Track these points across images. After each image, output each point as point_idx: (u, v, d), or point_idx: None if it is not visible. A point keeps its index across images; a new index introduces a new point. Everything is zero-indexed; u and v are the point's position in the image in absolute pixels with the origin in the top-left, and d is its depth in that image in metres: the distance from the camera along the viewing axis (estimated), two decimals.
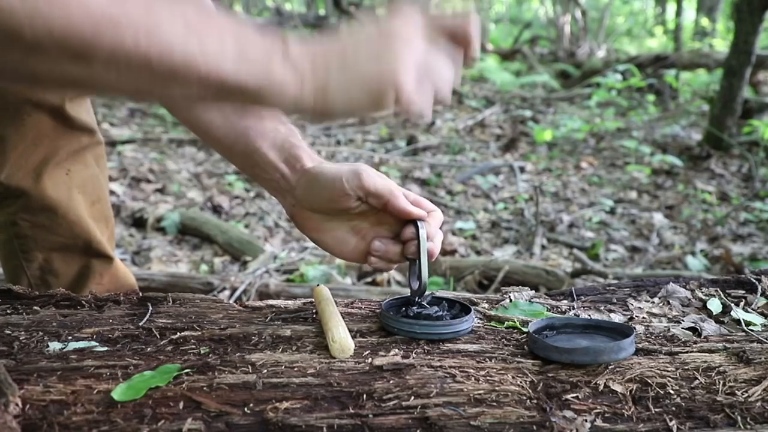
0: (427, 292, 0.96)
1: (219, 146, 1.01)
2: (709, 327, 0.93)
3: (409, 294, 0.95)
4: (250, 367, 0.77)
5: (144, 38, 0.57)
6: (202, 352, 0.81)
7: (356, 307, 1.00)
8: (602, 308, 1.01)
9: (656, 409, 0.73)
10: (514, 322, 0.94)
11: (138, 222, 3.26)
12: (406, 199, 0.91)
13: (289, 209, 0.98)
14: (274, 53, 0.65)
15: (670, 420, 0.71)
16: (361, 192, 0.88)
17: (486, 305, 1.01)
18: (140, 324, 0.90)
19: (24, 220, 1.27)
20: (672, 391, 0.75)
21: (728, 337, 0.90)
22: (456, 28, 0.75)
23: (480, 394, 0.73)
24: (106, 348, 0.82)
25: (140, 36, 0.57)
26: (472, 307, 0.93)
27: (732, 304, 1.01)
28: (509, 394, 0.73)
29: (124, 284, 1.38)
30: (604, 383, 0.75)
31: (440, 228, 0.94)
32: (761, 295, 1.05)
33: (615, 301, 1.04)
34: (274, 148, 0.95)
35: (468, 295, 1.08)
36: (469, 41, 0.76)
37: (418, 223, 0.88)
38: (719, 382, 0.77)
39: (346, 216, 0.93)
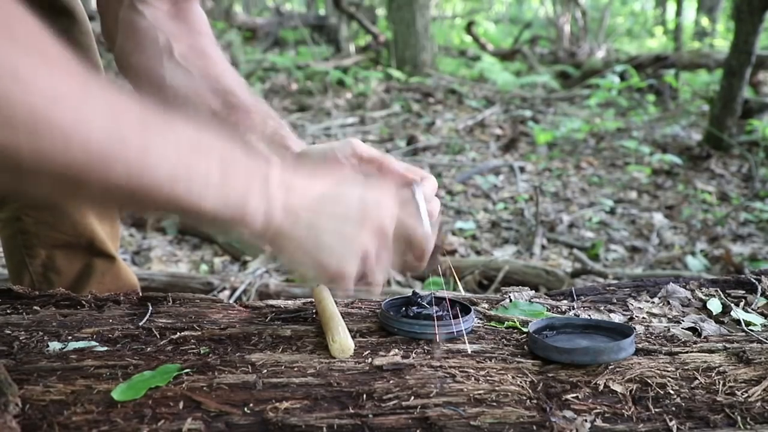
0: (426, 292, 0.96)
1: None
2: (709, 327, 0.93)
3: (410, 294, 0.96)
4: (250, 367, 0.77)
5: (135, 177, 0.57)
6: (202, 352, 0.81)
7: (356, 307, 1.00)
8: (602, 308, 1.01)
9: (656, 409, 0.73)
10: (514, 322, 0.94)
11: (138, 222, 3.26)
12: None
13: None
14: (254, 182, 0.66)
15: (670, 420, 0.71)
16: (355, 159, 0.89)
17: (486, 305, 1.01)
18: (140, 324, 0.90)
19: (28, 216, 1.28)
20: (672, 391, 0.75)
21: (728, 337, 0.90)
22: (417, 243, 0.81)
23: (480, 394, 0.73)
24: (106, 348, 0.82)
25: (131, 174, 0.56)
26: (472, 307, 0.93)
27: (732, 304, 1.01)
28: (509, 394, 0.73)
29: (126, 284, 1.38)
30: (604, 383, 0.75)
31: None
32: (761, 295, 1.05)
33: (615, 301, 1.04)
34: (264, 139, 0.96)
35: (468, 295, 1.08)
36: (421, 260, 0.83)
37: (414, 185, 0.87)
38: (719, 382, 0.77)
39: None
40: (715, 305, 1.01)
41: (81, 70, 0.54)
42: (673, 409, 0.73)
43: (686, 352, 0.84)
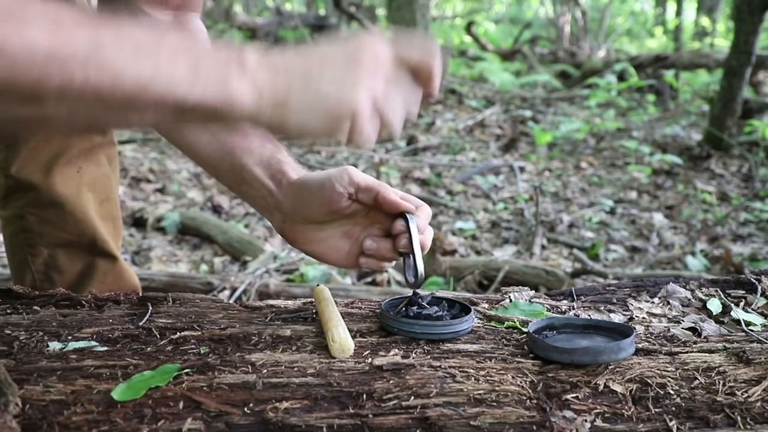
0: (426, 293, 0.96)
1: (206, 164, 1.02)
2: (709, 327, 0.93)
3: (410, 294, 0.95)
4: (250, 367, 0.77)
5: (93, 71, 0.56)
6: (202, 352, 0.81)
7: (356, 307, 1.00)
8: (602, 308, 1.01)
9: (656, 409, 0.73)
10: (514, 322, 0.94)
11: (138, 222, 3.26)
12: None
13: (278, 226, 0.97)
14: (230, 67, 0.64)
15: (670, 420, 0.71)
16: (352, 188, 0.89)
17: (486, 305, 1.01)
18: (140, 324, 0.90)
19: (32, 215, 1.28)
20: (672, 391, 0.75)
21: (728, 337, 0.90)
22: (420, 65, 0.76)
23: (480, 394, 0.73)
24: (106, 348, 0.82)
25: (89, 70, 0.56)
26: (472, 307, 0.93)
27: (732, 304, 1.01)
28: (509, 394, 0.73)
29: (128, 284, 1.39)
30: (604, 383, 0.75)
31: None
32: (761, 295, 1.05)
33: (615, 301, 1.04)
34: (261, 164, 0.96)
35: (468, 295, 1.08)
36: (430, 81, 0.77)
37: (407, 216, 0.88)
38: (719, 382, 0.77)
39: (337, 222, 0.93)
40: (715, 305, 1.01)
41: None
42: (673, 409, 0.73)
43: (686, 352, 0.84)
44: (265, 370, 0.76)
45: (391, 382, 0.74)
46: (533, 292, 1.07)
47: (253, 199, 0.99)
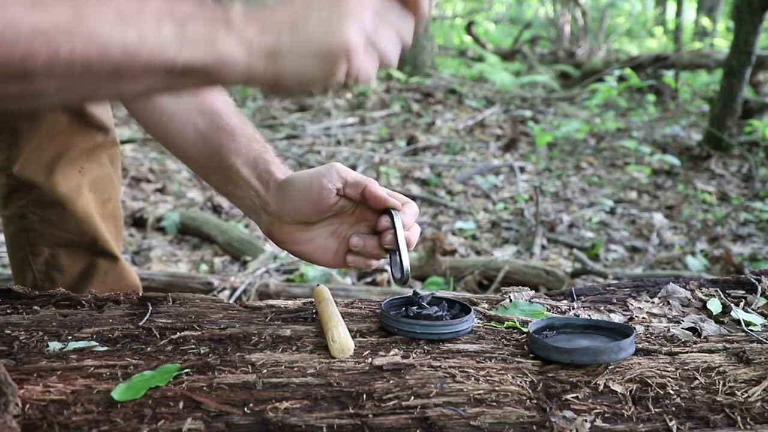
0: (427, 293, 0.96)
1: (193, 163, 1.02)
2: (709, 327, 0.93)
3: (410, 294, 0.96)
4: (250, 367, 0.77)
5: (79, 43, 0.56)
6: (202, 352, 0.81)
7: (356, 307, 1.00)
8: (602, 308, 1.01)
9: (656, 409, 0.73)
10: (514, 322, 0.94)
11: (138, 222, 3.26)
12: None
13: (265, 228, 0.97)
14: (216, 26, 0.64)
15: (670, 420, 0.71)
16: (340, 183, 0.89)
17: (486, 305, 1.01)
18: (140, 324, 0.90)
19: (33, 214, 1.28)
20: (672, 392, 0.75)
21: (728, 337, 0.90)
22: None
23: (480, 394, 0.73)
24: (106, 348, 0.82)
25: (74, 42, 0.56)
26: (472, 307, 0.93)
27: (732, 305, 1.01)
28: (509, 394, 0.73)
29: (129, 284, 1.39)
30: (604, 383, 0.75)
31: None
32: (761, 296, 1.05)
33: (615, 301, 1.04)
34: (248, 164, 0.96)
35: (468, 295, 1.08)
36: (418, 4, 0.75)
37: (393, 212, 0.88)
38: (719, 382, 0.77)
39: (325, 221, 0.94)
40: (715, 305, 1.01)
41: None
42: (673, 409, 0.73)
43: (686, 352, 0.84)
44: (265, 370, 0.76)
45: (391, 382, 0.74)
46: (533, 292, 1.07)
47: (240, 200, 0.98)
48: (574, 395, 0.73)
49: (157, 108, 1.01)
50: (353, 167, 4.04)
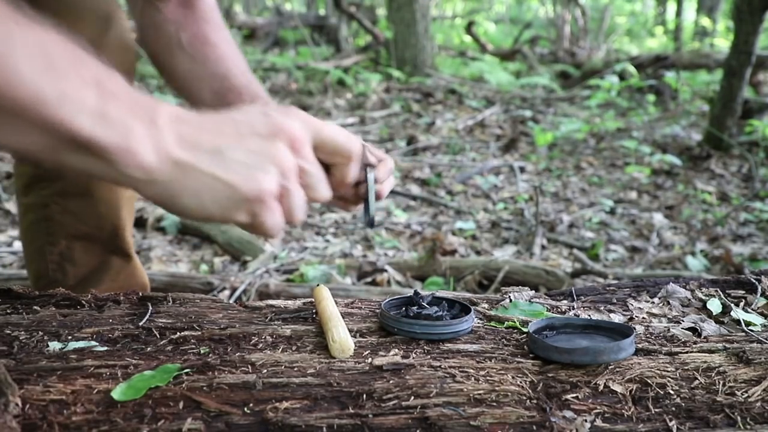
0: (427, 293, 0.96)
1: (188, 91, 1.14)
2: (709, 327, 0.93)
3: (410, 294, 0.96)
4: (250, 367, 0.77)
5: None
6: (202, 352, 0.81)
7: (356, 307, 1.00)
8: (602, 308, 1.01)
9: (656, 409, 0.73)
10: (514, 322, 0.94)
11: (138, 222, 3.26)
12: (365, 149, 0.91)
13: None
14: (138, 116, 0.60)
15: (670, 420, 0.71)
16: None
17: (486, 305, 1.01)
18: (140, 324, 0.90)
19: (56, 204, 1.31)
20: (672, 392, 0.75)
21: (728, 338, 0.90)
22: (340, 151, 0.75)
23: (480, 394, 0.73)
24: (106, 348, 0.82)
25: None
26: (472, 307, 0.93)
27: (732, 305, 1.01)
28: (509, 394, 0.73)
29: (139, 284, 1.40)
30: (604, 383, 0.75)
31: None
32: (761, 296, 1.05)
33: (615, 301, 1.04)
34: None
35: (468, 295, 1.08)
36: (345, 177, 0.77)
37: (368, 168, 0.89)
38: (719, 382, 0.77)
39: None
40: (715, 305, 1.01)
41: None
42: (673, 409, 0.73)
43: (686, 352, 0.84)
44: (265, 370, 0.76)
45: (391, 382, 0.74)
46: (533, 292, 1.07)
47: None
48: (574, 395, 0.73)
49: (179, 75, 1.15)
50: None
